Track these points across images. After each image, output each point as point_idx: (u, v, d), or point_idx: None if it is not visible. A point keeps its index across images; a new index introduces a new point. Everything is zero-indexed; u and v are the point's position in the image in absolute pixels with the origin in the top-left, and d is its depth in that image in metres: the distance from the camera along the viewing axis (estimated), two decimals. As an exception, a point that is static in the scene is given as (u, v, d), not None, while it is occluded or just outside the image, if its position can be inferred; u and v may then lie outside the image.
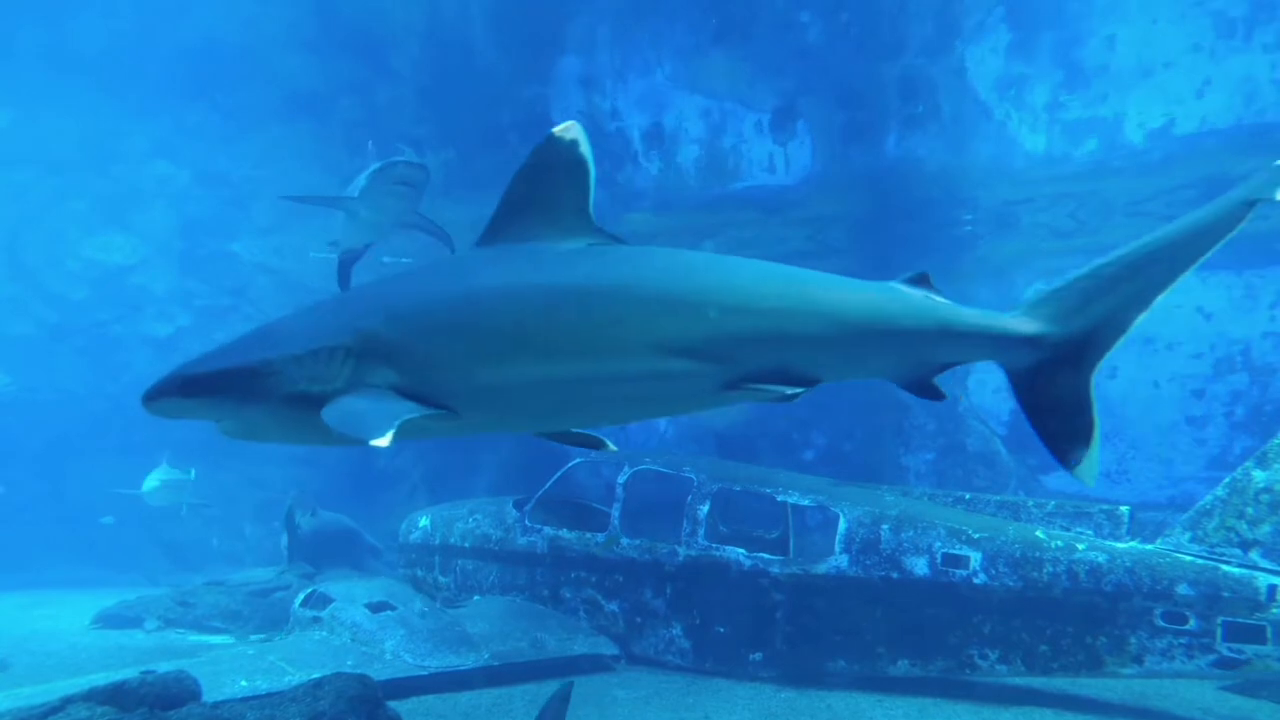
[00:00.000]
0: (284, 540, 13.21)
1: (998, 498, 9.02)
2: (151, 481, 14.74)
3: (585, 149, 3.38)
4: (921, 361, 3.36)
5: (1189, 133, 12.47)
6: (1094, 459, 3.20)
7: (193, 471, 14.68)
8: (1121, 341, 3.18)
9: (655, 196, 15.33)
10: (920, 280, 3.40)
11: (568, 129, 3.39)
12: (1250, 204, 3.08)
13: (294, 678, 6.92)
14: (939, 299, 3.34)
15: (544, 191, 3.38)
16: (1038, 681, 8.08)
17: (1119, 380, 14.04)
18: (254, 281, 18.18)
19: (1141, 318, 3.15)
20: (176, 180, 17.12)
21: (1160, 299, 3.17)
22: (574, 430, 3.61)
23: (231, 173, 16.79)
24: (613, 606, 9.46)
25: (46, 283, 17.37)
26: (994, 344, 3.29)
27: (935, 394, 3.40)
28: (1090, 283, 3.24)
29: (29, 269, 17.30)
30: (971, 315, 3.32)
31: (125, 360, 17.96)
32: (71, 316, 17.53)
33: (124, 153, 16.80)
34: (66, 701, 5.12)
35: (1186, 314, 13.73)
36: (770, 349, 3.13)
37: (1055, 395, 3.27)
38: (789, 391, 3.12)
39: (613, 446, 3.74)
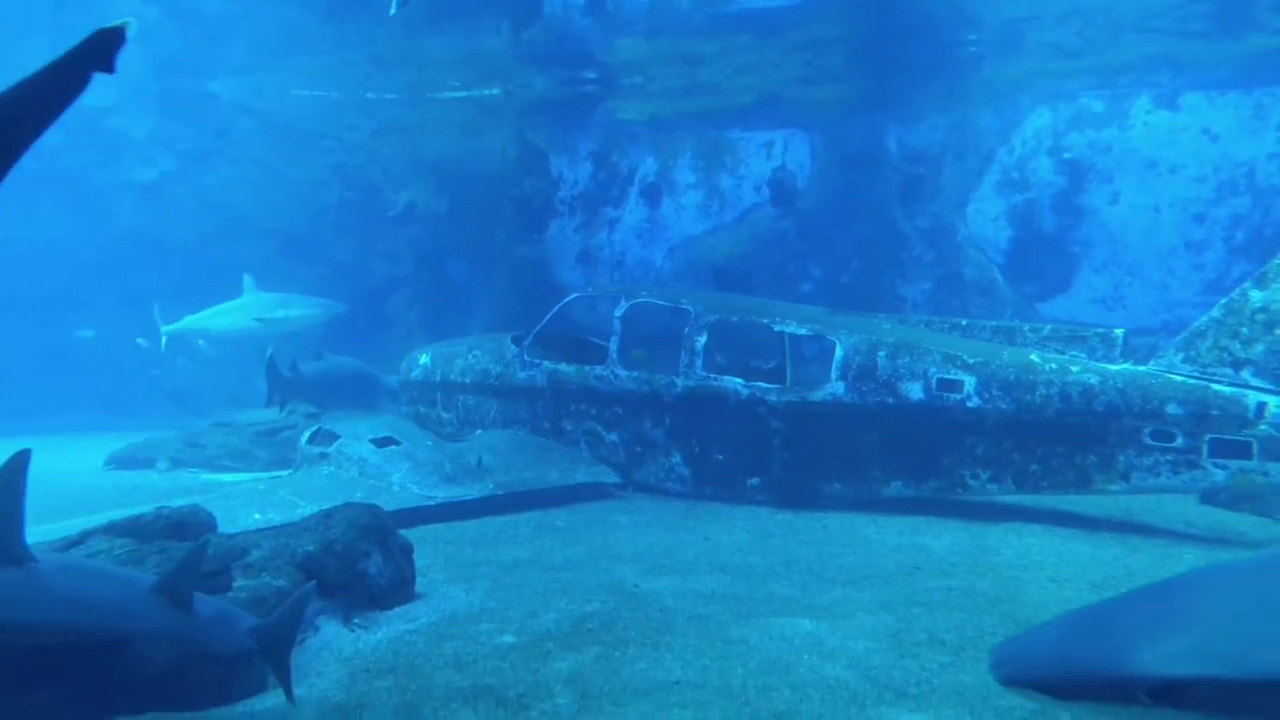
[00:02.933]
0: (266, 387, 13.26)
1: (994, 323, 9.06)
2: (290, 309, 14.40)
3: None
4: None
5: (1207, -61, 11.87)
6: None
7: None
8: None
9: (646, 22, 14.69)
10: None
11: None
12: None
13: (305, 510, 7.10)
14: None
15: None
16: (1028, 499, 8.35)
17: (1120, 205, 13.88)
18: (237, 124, 17.67)
19: None
20: (145, 16, 16.30)
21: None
22: None
23: (202, 8, 16.01)
24: (613, 437, 9.66)
25: (22, 129, 16.81)
26: None
27: None
28: None
29: (2, 114, 16.73)
30: None
31: (111, 208, 17.64)
32: (49, 163, 17.08)
33: (86, -15, 15.96)
34: (86, 535, 5.28)
35: (1192, 136, 13.43)
36: None
37: None
38: None
39: None
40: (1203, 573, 2.40)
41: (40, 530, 6.63)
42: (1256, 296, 7.36)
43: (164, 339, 15.22)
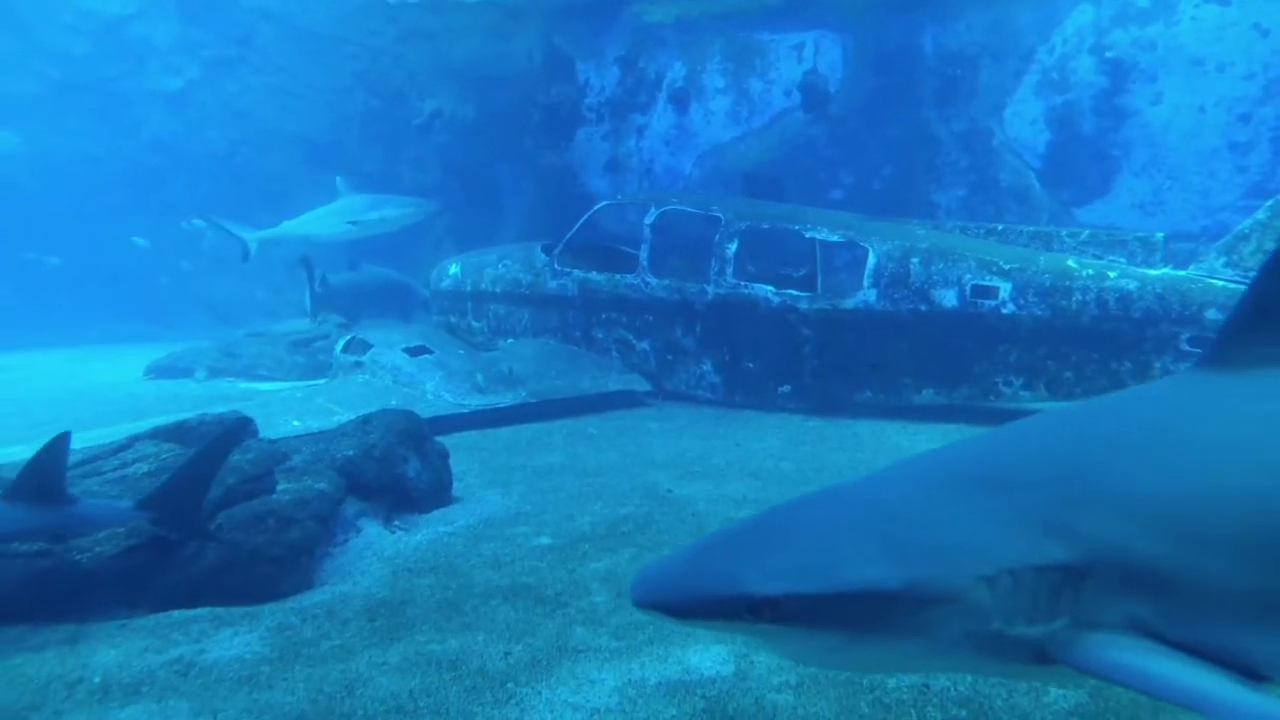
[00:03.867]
0: (307, 295, 13.31)
1: (1031, 228, 8.91)
2: (384, 209, 13.68)
3: None
4: None
5: None
6: None
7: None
8: None
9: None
10: None
11: None
12: None
13: (342, 416, 7.23)
14: None
15: None
16: (1060, 406, 8.31)
17: (1163, 106, 13.43)
18: (259, 30, 17.40)
19: None
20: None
21: None
22: None
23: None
24: (644, 345, 9.69)
25: (44, 38, 16.71)
26: None
27: None
28: None
29: (23, 23, 16.60)
30: None
31: (138, 118, 17.58)
32: (76, 73, 17.00)
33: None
34: (133, 440, 5.41)
35: (1242, 31, 12.87)
36: None
37: None
38: None
39: None
40: (822, 492, 2.46)
41: (87, 436, 6.82)
42: (1304, 199, 7.17)
43: (254, 244, 14.44)
